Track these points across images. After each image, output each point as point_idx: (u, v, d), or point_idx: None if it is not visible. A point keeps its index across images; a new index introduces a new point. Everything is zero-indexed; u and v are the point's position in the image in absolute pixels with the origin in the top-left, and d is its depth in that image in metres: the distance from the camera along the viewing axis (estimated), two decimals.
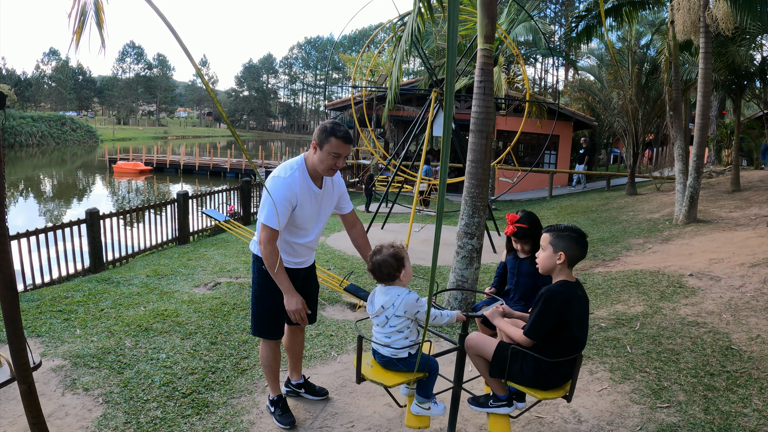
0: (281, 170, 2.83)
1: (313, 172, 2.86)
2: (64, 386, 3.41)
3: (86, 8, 2.08)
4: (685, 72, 13.29)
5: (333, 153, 2.76)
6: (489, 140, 4.92)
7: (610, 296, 5.38)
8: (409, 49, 5.37)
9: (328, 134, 2.74)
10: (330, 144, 2.74)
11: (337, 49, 70.76)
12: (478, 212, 4.96)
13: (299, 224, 2.90)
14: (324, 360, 3.98)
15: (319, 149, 2.77)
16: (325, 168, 2.81)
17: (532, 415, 3.16)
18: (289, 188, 2.76)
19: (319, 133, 2.78)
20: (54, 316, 4.62)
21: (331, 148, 2.75)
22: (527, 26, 15.88)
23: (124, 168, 30.53)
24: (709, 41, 8.57)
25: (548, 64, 56.56)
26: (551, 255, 2.41)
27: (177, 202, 9.44)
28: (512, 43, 12.68)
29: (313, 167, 2.85)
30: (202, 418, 3.11)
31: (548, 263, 2.43)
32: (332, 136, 2.74)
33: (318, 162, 2.80)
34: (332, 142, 2.74)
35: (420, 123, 10.33)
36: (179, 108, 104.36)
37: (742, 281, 5.18)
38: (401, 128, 22.67)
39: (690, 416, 3.04)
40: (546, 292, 2.36)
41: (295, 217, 2.85)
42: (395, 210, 12.33)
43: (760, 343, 3.85)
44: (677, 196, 9.67)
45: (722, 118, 18.68)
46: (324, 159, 2.78)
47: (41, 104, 75.37)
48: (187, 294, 5.45)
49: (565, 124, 20.44)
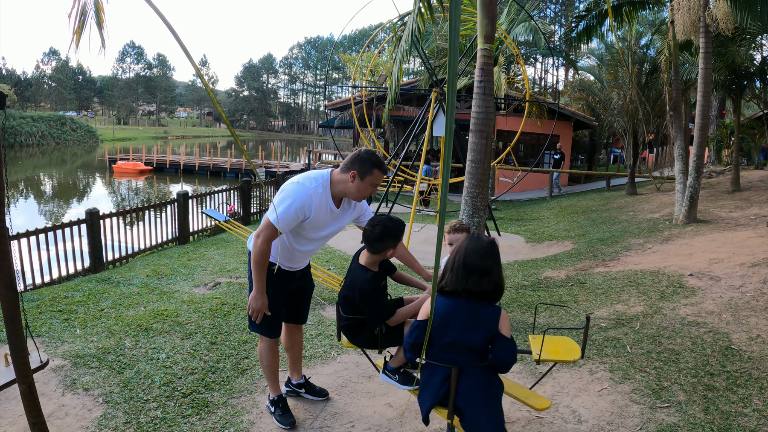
0: (306, 180, 2.81)
1: (337, 192, 2.86)
2: (64, 386, 3.41)
3: (86, 8, 2.08)
4: (685, 72, 13.29)
5: (374, 184, 2.82)
6: (489, 140, 4.92)
7: (610, 296, 5.39)
8: (409, 49, 5.37)
9: (372, 166, 2.78)
10: (373, 176, 2.79)
11: (337, 49, 70.75)
12: (478, 212, 4.96)
13: (307, 235, 2.90)
14: (324, 360, 3.98)
15: (360, 179, 2.78)
16: (360, 196, 2.86)
17: (532, 414, 3.16)
18: (308, 199, 2.76)
19: (361, 163, 2.78)
20: (54, 316, 4.62)
21: (373, 179, 2.80)
22: (527, 26, 15.88)
23: (124, 168, 30.53)
24: (709, 41, 8.57)
25: (548, 64, 56.56)
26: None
27: (177, 202, 9.44)
28: (512, 43, 12.68)
29: (342, 192, 2.85)
30: (202, 418, 3.11)
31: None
32: (376, 169, 2.79)
33: (355, 190, 2.81)
34: (376, 175, 2.80)
35: (420, 123, 10.33)
36: (179, 108, 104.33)
37: (742, 281, 5.18)
38: (401, 128, 22.67)
39: (690, 416, 3.04)
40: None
41: (304, 228, 2.85)
42: (395, 210, 12.33)
43: (760, 343, 3.85)
44: (677, 196, 9.67)
45: (722, 118, 18.68)
46: (363, 189, 2.81)
47: (41, 104, 75.36)
48: (187, 294, 5.45)
49: (565, 124, 20.45)
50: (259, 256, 2.77)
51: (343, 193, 2.85)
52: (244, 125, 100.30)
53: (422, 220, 11.27)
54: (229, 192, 11.36)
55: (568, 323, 4.75)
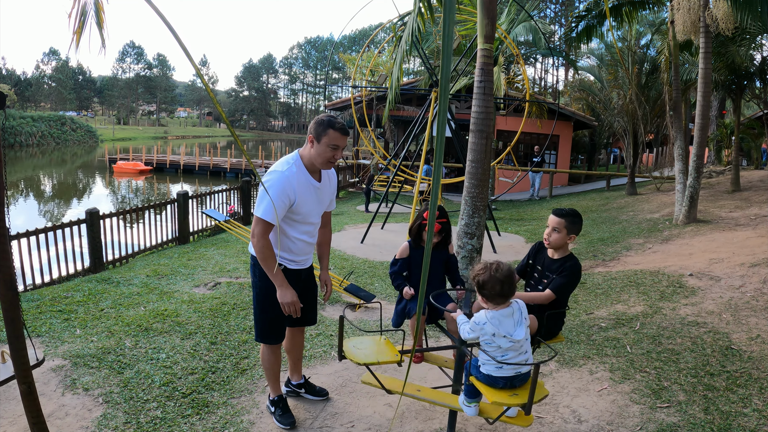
0: (278, 165, 2.83)
1: (310, 166, 2.87)
2: (64, 386, 3.41)
3: (86, 8, 2.08)
4: (685, 72, 13.29)
5: (331, 145, 2.78)
6: (489, 140, 4.92)
7: (610, 296, 5.39)
8: (409, 49, 5.37)
9: (326, 127, 2.76)
10: (328, 136, 2.76)
11: (337, 49, 70.75)
12: (478, 212, 4.96)
13: (300, 219, 2.90)
14: (324, 360, 3.98)
15: (317, 142, 2.79)
16: (323, 161, 2.82)
17: (532, 414, 3.16)
18: (288, 182, 2.76)
19: (316, 126, 2.79)
20: (54, 316, 4.62)
21: (329, 140, 2.77)
22: (527, 26, 15.87)
23: (124, 168, 30.53)
24: (709, 41, 8.57)
25: (548, 64, 56.58)
26: (565, 236, 2.89)
27: (177, 202, 9.44)
28: (512, 43, 12.67)
29: (310, 161, 2.85)
30: (202, 418, 3.11)
31: (561, 242, 2.91)
32: (330, 128, 2.76)
33: (316, 155, 2.81)
34: (330, 134, 2.76)
35: (420, 123, 10.33)
36: (179, 108, 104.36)
37: (742, 281, 5.18)
38: (401, 128, 22.68)
39: (690, 416, 3.04)
40: (575, 261, 2.88)
41: (296, 212, 2.85)
42: (395, 210, 12.33)
43: (760, 343, 3.85)
44: (677, 196, 9.67)
45: (722, 118, 18.69)
46: (322, 152, 2.79)
47: (41, 104, 75.37)
48: (187, 294, 5.45)
49: (565, 124, 20.44)
50: (263, 252, 2.76)
51: (312, 163, 2.85)
52: (244, 125, 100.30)
53: None
54: (229, 192, 11.36)
55: (567, 323, 4.75)
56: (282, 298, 2.82)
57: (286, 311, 2.85)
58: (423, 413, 3.21)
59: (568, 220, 2.89)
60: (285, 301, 2.82)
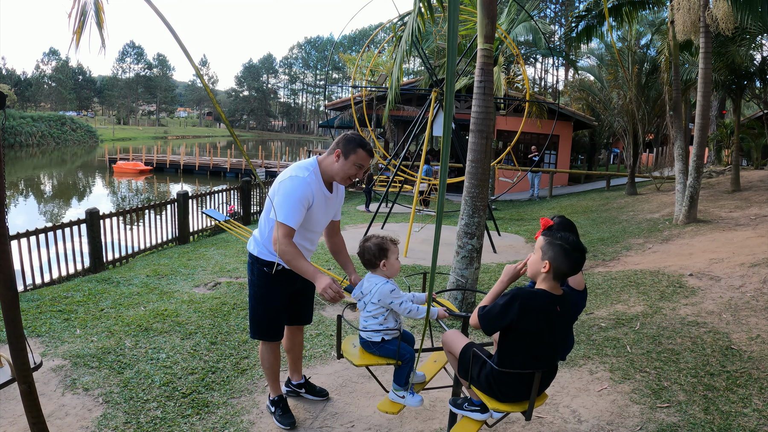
0: (297, 170, 2.82)
1: (327, 177, 2.88)
2: (64, 386, 3.41)
3: (86, 8, 2.08)
4: (685, 72, 13.29)
5: (358, 164, 2.81)
6: (489, 140, 4.92)
7: (610, 296, 5.38)
8: (409, 49, 5.36)
9: (356, 146, 2.79)
10: (357, 155, 2.79)
11: (337, 49, 70.73)
12: (478, 212, 4.96)
13: (309, 227, 2.91)
14: (324, 360, 3.98)
15: (344, 158, 2.80)
16: (345, 176, 2.84)
17: (532, 414, 3.16)
18: (308, 187, 2.77)
19: (346, 142, 2.80)
20: (54, 316, 4.62)
21: (357, 159, 2.79)
22: (527, 26, 15.88)
23: (124, 168, 30.54)
24: (709, 41, 8.57)
25: (548, 64, 56.58)
26: (538, 261, 2.20)
27: (177, 202, 9.44)
28: (512, 43, 12.67)
29: (329, 173, 2.86)
30: (202, 418, 3.11)
31: (534, 269, 2.23)
32: (360, 148, 2.79)
33: (339, 170, 2.82)
34: (359, 154, 2.79)
35: (420, 123, 10.33)
36: (179, 108, 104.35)
37: (742, 281, 5.18)
38: (401, 128, 22.68)
39: (690, 416, 3.04)
40: (514, 291, 2.18)
41: (306, 219, 2.85)
42: (395, 210, 12.33)
43: (760, 343, 3.85)
44: (677, 196, 9.67)
45: (722, 118, 18.68)
46: (347, 168, 2.81)
47: (41, 104, 75.37)
48: (187, 294, 5.45)
49: (565, 124, 20.44)
50: (288, 255, 2.67)
51: (330, 176, 2.87)
52: (244, 125, 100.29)
53: (422, 220, 11.27)
54: (229, 192, 11.36)
55: None
56: (320, 288, 2.63)
57: (327, 296, 2.63)
58: (423, 413, 3.21)
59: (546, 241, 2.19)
60: (324, 285, 2.63)
